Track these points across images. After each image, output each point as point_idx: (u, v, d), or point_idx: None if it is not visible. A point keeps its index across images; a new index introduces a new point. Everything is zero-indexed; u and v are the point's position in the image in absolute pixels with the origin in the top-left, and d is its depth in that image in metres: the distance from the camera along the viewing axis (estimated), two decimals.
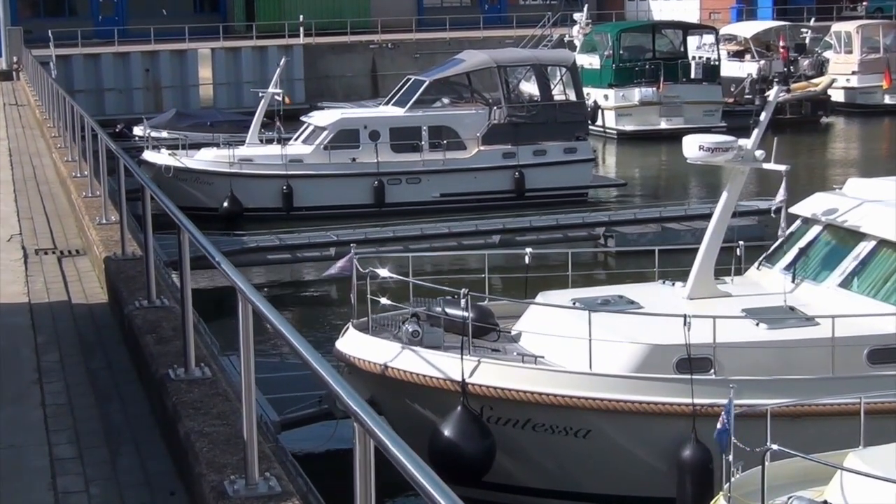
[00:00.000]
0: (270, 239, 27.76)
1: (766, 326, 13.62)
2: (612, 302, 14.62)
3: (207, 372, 8.03)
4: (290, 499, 6.04)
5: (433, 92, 33.91)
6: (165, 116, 40.90)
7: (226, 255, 6.82)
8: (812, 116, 51.23)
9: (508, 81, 34.71)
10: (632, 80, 47.86)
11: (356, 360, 13.83)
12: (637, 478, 13.44)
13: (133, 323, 9.51)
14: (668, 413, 12.93)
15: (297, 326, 5.48)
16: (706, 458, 12.63)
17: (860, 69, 56.04)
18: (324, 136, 32.49)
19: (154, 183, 9.84)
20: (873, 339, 13.41)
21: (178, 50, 54.64)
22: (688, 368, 12.88)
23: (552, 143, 33.66)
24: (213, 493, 6.11)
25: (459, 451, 12.87)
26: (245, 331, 6.02)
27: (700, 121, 44.92)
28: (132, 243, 12.42)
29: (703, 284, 14.74)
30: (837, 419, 12.55)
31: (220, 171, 31.92)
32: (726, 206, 14.93)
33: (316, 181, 32.18)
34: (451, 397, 13.16)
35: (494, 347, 14.01)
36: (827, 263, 14.67)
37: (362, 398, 4.40)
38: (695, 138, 14.81)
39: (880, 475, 9.80)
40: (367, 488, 4.35)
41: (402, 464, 3.84)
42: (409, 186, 32.60)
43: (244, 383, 6.09)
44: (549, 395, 13.08)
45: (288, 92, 38.62)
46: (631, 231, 28.70)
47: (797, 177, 37.12)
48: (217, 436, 6.86)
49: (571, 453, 13.49)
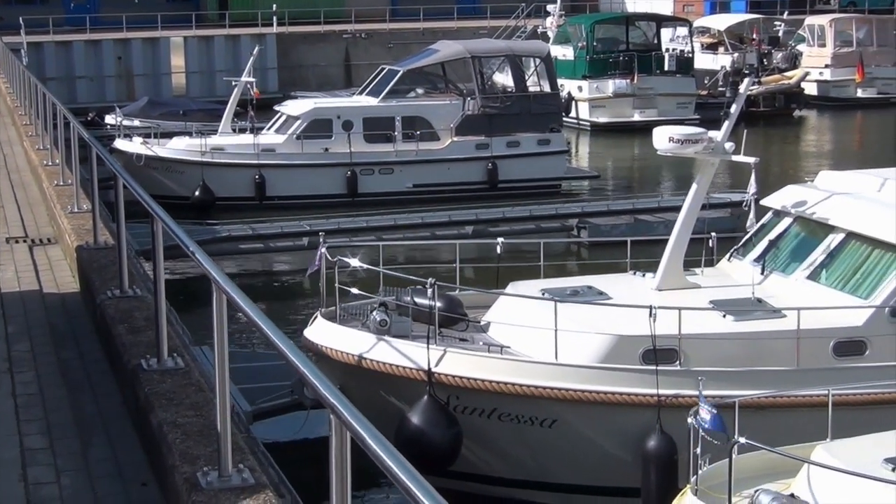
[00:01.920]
0: (242, 228, 27.70)
1: (733, 318, 13.66)
2: (581, 293, 14.64)
3: (180, 362, 7.99)
4: (264, 490, 6.01)
5: (407, 82, 33.86)
6: (137, 105, 40.71)
7: (198, 244, 6.78)
8: (785, 109, 51.44)
9: (482, 72, 34.68)
10: (605, 71, 47.92)
11: (323, 348, 13.82)
12: (602, 468, 13.49)
13: (105, 313, 9.46)
14: (634, 404, 12.97)
15: (269, 316, 5.45)
16: (671, 449, 12.69)
17: (833, 63, 56.31)
18: (297, 126, 32.40)
19: (126, 171, 9.78)
20: (839, 332, 13.47)
21: (151, 38, 54.36)
22: (654, 359, 12.91)
23: (526, 135, 33.66)
24: (185, 485, 6.09)
25: (425, 440, 12.89)
26: (219, 320, 5.99)
27: (673, 113, 45.03)
28: (104, 232, 12.35)
29: (672, 276, 14.78)
30: (804, 411, 12.62)
31: (192, 159, 31.78)
32: (696, 198, 14.96)
33: (288, 171, 32.10)
34: (417, 386, 13.17)
35: (462, 337, 14.02)
36: (796, 255, 14.73)
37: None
38: (665, 130, 14.84)
39: (846, 469, 9.85)
40: (342, 479, 4.35)
41: (378, 455, 3.84)
42: (383, 177, 32.56)
43: (218, 373, 6.06)
44: (515, 385, 13.10)
45: (260, 83, 38.39)
46: (604, 222, 28.77)
47: (770, 169, 37.36)
48: (190, 427, 6.83)
49: (537, 443, 13.52)
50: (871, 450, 10.34)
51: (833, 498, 9.92)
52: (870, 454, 10.20)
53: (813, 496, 10.07)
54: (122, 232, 9.76)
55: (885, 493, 9.56)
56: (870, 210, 14.30)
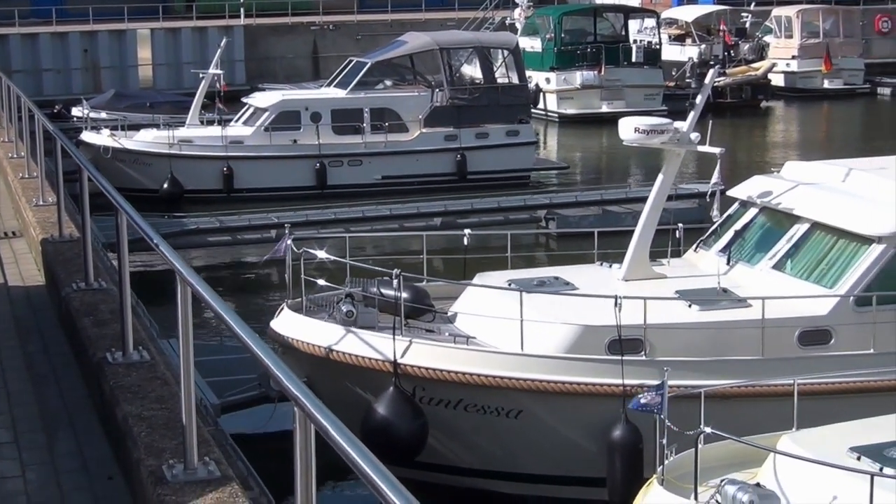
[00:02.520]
0: (210, 221, 27.61)
1: (698, 308, 13.71)
2: (548, 283, 14.67)
3: (146, 355, 7.98)
4: (230, 483, 6.01)
5: (375, 74, 33.83)
6: (104, 97, 40.46)
7: (165, 237, 6.78)
8: (752, 100, 51.64)
9: (451, 64, 34.67)
10: (573, 63, 47.99)
11: (290, 340, 13.79)
12: (568, 458, 13.53)
13: (70, 305, 9.42)
14: (599, 394, 13.00)
15: (236, 309, 5.45)
16: (636, 439, 12.73)
17: (800, 54, 56.58)
18: (265, 118, 32.31)
19: (93, 164, 9.74)
20: (805, 321, 13.54)
21: (117, 30, 54.03)
22: (619, 350, 12.95)
23: (494, 126, 33.69)
24: (151, 478, 6.08)
25: (391, 431, 12.89)
26: (184, 313, 5.99)
27: (641, 104, 45.14)
28: (70, 225, 12.30)
29: (639, 266, 14.82)
30: (769, 401, 12.69)
31: (159, 152, 31.65)
32: (662, 189, 15.01)
33: (257, 163, 32.02)
34: (383, 377, 13.17)
35: (429, 328, 14.03)
36: (762, 245, 14.80)
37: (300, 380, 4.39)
38: (631, 121, 14.87)
39: (812, 458, 9.91)
40: (307, 472, 4.36)
41: (342, 448, 3.84)
42: (351, 169, 32.52)
43: (183, 366, 6.06)
44: (481, 376, 13.12)
45: (227, 75, 38.26)
46: (572, 213, 28.83)
47: (737, 160, 37.53)
48: (155, 420, 6.83)
49: (503, 433, 13.55)
50: (836, 439, 10.40)
51: (799, 487, 9.98)
52: (835, 443, 10.26)
53: (779, 485, 10.13)
54: (86, 224, 9.73)
55: (851, 482, 9.63)
56: (834, 200, 14.38)
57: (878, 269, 13.57)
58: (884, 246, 13.59)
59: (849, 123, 52.64)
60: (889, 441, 10.17)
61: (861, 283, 13.56)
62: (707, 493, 10.24)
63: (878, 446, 10.07)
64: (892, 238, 13.60)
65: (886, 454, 9.94)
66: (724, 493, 9.99)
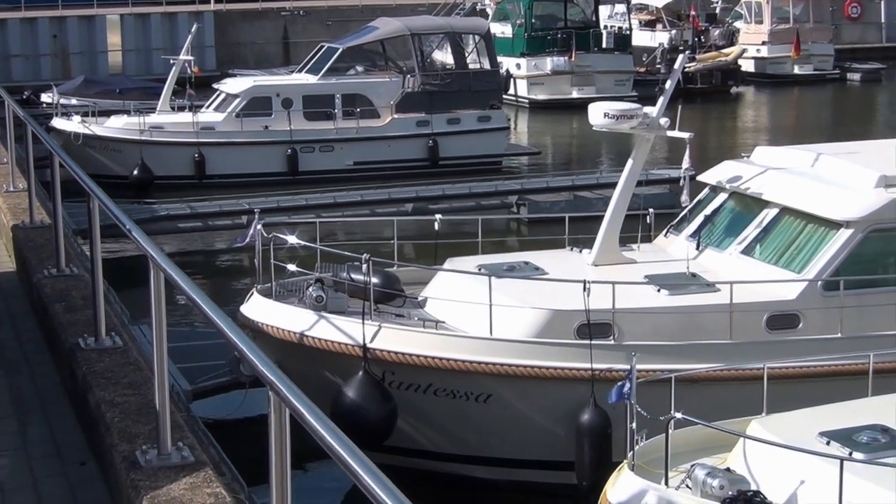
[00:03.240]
0: (181, 207, 27.53)
1: (667, 292, 13.76)
2: (518, 268, 14.70)
3: (118, 341, 7.99)
4: (203, 468, 6.04)
5: (346, 59, 33.77)
6: (74, 83, 40.23)
7: (136, 223, 6.78)
8: (722, 86, 51.82)
9: (423, 50, 34.64)
10: (544, 49, 48.02)
11: (259, 325, 13.79)
12: (537, 442, 13.58)
13: (42, 292, 9.42)
14: (567, 378, 13.04)
15: (209, 295, 5.46)
16: (604, 423, 12.78)
17: (770, 39, 56.77)
18: (236, 104, 32.23)
19: (63, 150, 9.72)
20: (773, 306, 13.62)
21: (86, 16, 53.68)
22: (588, 334, 13.00)
23: (466, 112, 33.70)
24: (124, 464, 6.10)
25: (360, 415, 12.91)
26: (157, 299, 6.00)
27: (611, 90, 45.17)
28: (40, 211, 12.28)
29: (608, 251, 14.87)
30: (738, 385, 12.77)
31: (130, 138, 31.53)
32: (631, 174, 15.06)
33: (228, 149, 31.93)
34: (352, 362, 13.19)
35: (399, 313, 14.04)
36: (731, 230, 14.88)
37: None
38: (600, 106, 14.90)
39: (782, 442, 9.99)
40: (282, 456, 4.37)
41: (317, 432, 3.84)
42: (323, 154, 32.47)
43: (156, 352, 6.07)
44: (449, 360, 13.14)
45: (197, 61, 38.05)
46: (543, 199, 28.90)
47: (707, 145, 37.67)
48: (128, 405, 6.84)
49: (472, 418, 13.59)
50: (806, 423, 10.46)
51: (769, 471, 10.05)
52: (805, 428, 10.32)
53: (749, 470, 10.18)
54: (58, 210, 9.72)
55: (820, 467, 9.71)
56: (803, 185, 14.46)
57: (846, 254, 13.65)
58: (852, 231, 13.68)
59: (818, 109, 52.89)
60: (858, 426, 10.24)
61: (829, 267, 13.65)
62: (677, 478, 10.29)
63: (847, 431, 10.15)
64: (859, 223, 13.70)
65: (855, 439, 10.02)
66: (695, 478, 10.04)
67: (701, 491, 9.94)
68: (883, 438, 10.03)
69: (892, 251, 14.28)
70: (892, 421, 10.32)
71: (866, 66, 59.31)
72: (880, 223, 13.76)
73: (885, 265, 14.32)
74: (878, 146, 17.07)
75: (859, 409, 10.87)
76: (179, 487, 5.81)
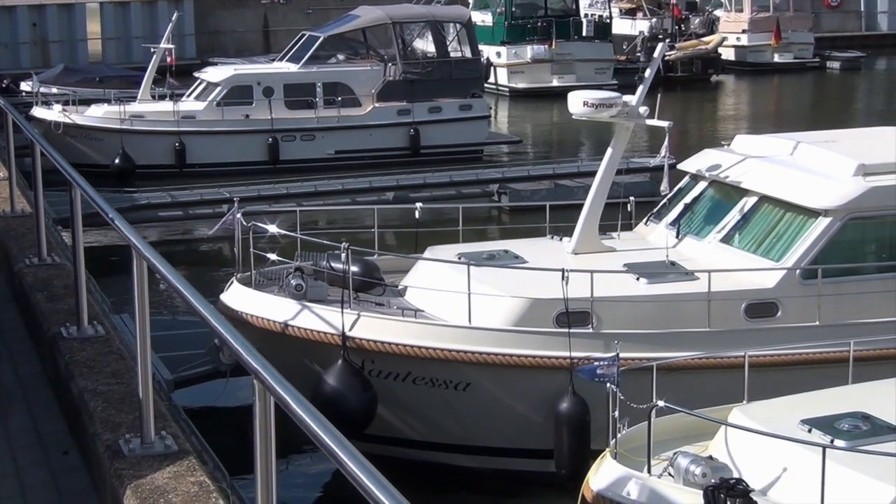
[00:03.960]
0: (162, 196, 27.52)
1: (646, 281, 13.79)
2: (498, 256, 14.72)
3: (101, 330, 7.99)
4: (187, 457, 6.05)
5: (328, 48, 33.73)
6: (53, 72, 40.06)
7: (116, 211, 6.78)
8: (703, 74, 51.92)
9: (404, 38, 34.61)
10: (524, 37, 48.04)
11: (239, 313, 13.78)
12: (516, 430, 13.62)
13: (23, 281, 9.41)
14: (546, 366, 13.07)
15: (190, 283, 5.46)
16: (582, 411, 12.82)
17: (750, 28, 56.90)
18: (217, 93, 32.16)
19: (44, 139, 9.72)
20: (751, 294, 13.67)
21: (66, 4, 53.37)
22: (566, 322, 13.04)
23: (447, 100, 33.71)
24: (107, 453, 6.10)
25: (340, 403, 12.88)
26: (140, 288, 6.01)
27: (592, 78, 45.22)
28: (21, 200, 12.26)
29: (588, 239, 14.90)
30: (716, 373, 12.82)
31: (110, 127, 31.43)
32: (611, 162, 15.09)
33: (209, 138, 31.86)
34: (332, 350, 13.21)
35: (379, 302, 14.05)
36: (710, 219, 14.92)
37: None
38: (579, 94, 14.92)
39: (763, 430, 10.04)
40: (266, 445, 4.37)
41: (303, 420, 3.85)
42: (304, 143, 32.43)
43: (139, 340, 6.08)
44: (428, 349, 13.16)
45: (177, 50, 37.83)
46: (524, 188, 28.94)
47: (688, 134, 37.76)
48: (111, 394, 6.85)
49: (452, 406, 13.62)
50: (787, 411, 10.50)
51: (751, 459, 10.09)
52: (786, 416, 10.37)
53: (731, 458, 10.22)
54: (39, 199, 9.72)
55: (802, 455, 9.76)
56: (782, 173, 14.51)
57: (825, 242, 13.72)
58: (830, 219, 13.75)
59: (798, 97, 53.04)
60: (839, 413, 10.30)
61: (807, 255, 13.71)
62: (660, 466, 10.34)
63: (828, 418, 10.20)
64: (838, 211, 13.76)
65: (837, 426, 10.07)
66: (677, 466, 10.08)
67: (683, 479, 9.99)
68: (864, 426, 10.09)
69: (871, 239, 14.36)
70: (872, 408, 10.39)
71: (846, 55, 59.52)
72: (858, 211, 13.84)
73: (863, 253, 14.40)
74: (857, 135, 17.19)
75: (840, 396, 10.92)
76: (163, 476, 5.83)
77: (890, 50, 64.66)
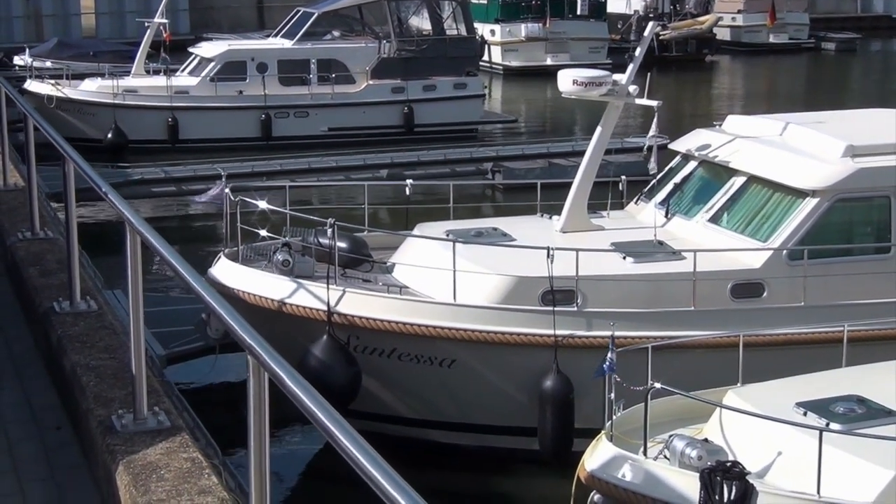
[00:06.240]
0: (155, 171, 27.52)
1: (632, 260, 13.75)
2: (485, 234, 14.70)
3: (93, 305, 7.99)
4: (180, 433, 6.05)
5: (323, 24, 33.67)
6: (47, 46, 39.97)
7: (110, 185, 6.79)
8: (697, 54, 51.91)
9: (399, 15, 34.55)
10: (518, 15, 47.99)
11: (226, 288, 13.79)
12: (501, 407, 13.63)
13: (16, 255, 9.43)
14: (531, 344, 13.06)
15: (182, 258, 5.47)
16: (566, 389, 12.85)
17: (745, 8, 56.88)
18: (210, 68, 32.13)
19: (37, 112, 9.73)
20: (737, 274, 13.66)
21: None
22: (552, 300, 13.09)
23: (442, 78, 33.67)
24: (100, 428, 6.11)
25: (324, 379, 12.85)
26: (133, 262, 5.99)
27: (586, 57, 45.22)
28: (14, 174, 12.28)
29: (576, 218, 14.90)
30: (702, 353, 12.83)
31: (104, 101, 31.40)
32: (600, 141, 15.08)
33: (202, 113, 31.83)
34: (317, 326, 13.23)
35: (366, 278, 14.06)
36: (699, 199, 14.90)
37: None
38: (569, 73, 14.88)
39: (757, 412, 10.08)
40: (260, 420, 4.35)
41: (296, 396, 3.83)
42: (297, 120, 32.41)
43: (132, 315, 6.07)
44: (413, 325, 13.16)
45: (171, 25, 37.77)
46: (518, 166, 28.95)
47: (681, 113, 37.75)
48: (104, 370, 6.85)
49: (436, 383, 13.64)
50: (782, 394, 10.53)
51: (746, 441, 10.12)
52: (781, 398, 10.40)
53: (726, 440, 10.25)
54: (32, 173, 9.73)
55: (797, 437, 9.81)
56: (770, 154, 14.50)
57: (812, 223, 13.69)
58: (817, 199, 13.74)
59: (793, 78, 53.03)
60: (834, 396, 10.35)
61: (794, 236, 13.69)
62: (655, 448, 10.37)
63: (823, 401, 10.25)
64: (825, 192, 13.77)
65: (832, 409, 10.11)
66: (673, 449, 10.10)
67: (679, 461, 10.02)
68: (859, 409, 10.14)
69: (858, 221, 14.37)
70: (867, 392, 10.44)
71: (841, 36, 59.54)
72: (846, 192, 13.85)
73: (850, 235, 14.40)
74: (847, 116, 17.19)
75: (834, 379, 10.94)
76: (156, 452, 5.83)
77: (885, 31, 64.67)
